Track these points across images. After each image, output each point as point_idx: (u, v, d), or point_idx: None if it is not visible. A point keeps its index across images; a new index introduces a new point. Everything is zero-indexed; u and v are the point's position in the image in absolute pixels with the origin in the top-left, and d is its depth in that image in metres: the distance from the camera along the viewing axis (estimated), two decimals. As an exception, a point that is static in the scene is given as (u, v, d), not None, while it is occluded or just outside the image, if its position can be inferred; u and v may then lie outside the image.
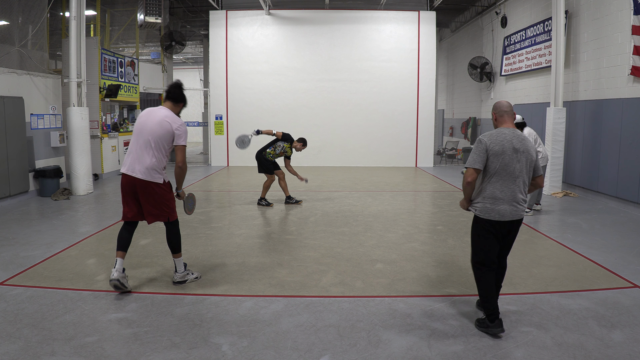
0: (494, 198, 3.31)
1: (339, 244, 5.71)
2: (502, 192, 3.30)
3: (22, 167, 8.42)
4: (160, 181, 4.09)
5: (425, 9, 14.08)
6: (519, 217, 3.37)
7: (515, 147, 3.29)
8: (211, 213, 7.60)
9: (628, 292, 4.17)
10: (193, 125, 19.29)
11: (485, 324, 3.40)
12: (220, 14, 14.10)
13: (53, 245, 5.59)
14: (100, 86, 11.18)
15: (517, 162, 3.29)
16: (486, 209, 3.34)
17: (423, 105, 14.17)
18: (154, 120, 4.04)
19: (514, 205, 3.31)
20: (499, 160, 3.27)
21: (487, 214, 3.33)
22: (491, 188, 3.32)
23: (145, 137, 4.02)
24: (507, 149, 3.28)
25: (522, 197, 3.35)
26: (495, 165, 3.29)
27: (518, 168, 3.29)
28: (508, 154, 3.27)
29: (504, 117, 3.44)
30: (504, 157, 3.27)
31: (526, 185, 3.38)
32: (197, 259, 5.09)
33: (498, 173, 3.29)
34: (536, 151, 3.43)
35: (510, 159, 3.28)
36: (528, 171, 3.36)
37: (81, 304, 3.87)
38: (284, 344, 3.25)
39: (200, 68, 24.16)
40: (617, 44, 8.06)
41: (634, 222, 6.92)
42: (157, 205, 4.15)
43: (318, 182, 10.79)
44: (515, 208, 3.32)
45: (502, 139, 3.30)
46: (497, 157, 3.27)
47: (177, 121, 4.08)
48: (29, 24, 8.91)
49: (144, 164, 4.01)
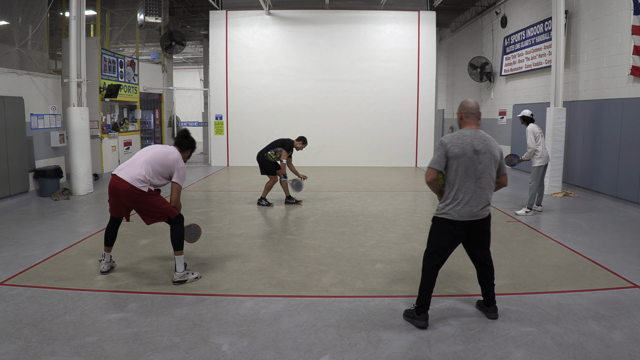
0: (456, 199, 3.36)
1: (339, 244, 5.71)
2: (464, 193, 3.34)
3: (22, 167, 8.42)
4: (144, 190, 4.21)
5: (425, 9, 14.08)
6: (481, 217, 3.41)
7: (476, 148, 3.33)
8: (211, 213, 7.60)
9: (628, 292, 4.17)
10: (193, 125, 19.28)
11: (412, 315, 3.52)
12: (220, 14, 14.10)
13: (53, 245, 5.59)
14: (100, 86, 11.18)
15: (478, 164, 3.33)
16: (447, 209, 3.39)
17: (423, 105, 14.17)
18: (163, 151, 4.39)
19: (476, 206, 3.36)
20: (459, 162, 3.32)
21: (445, 214, 3.40)
22: (454, 189, 3.37)
23: (147, 158, 4.31)
24: (467, 151, 3.31)
25: (488, 197, 3.40)
26: (456, 166, 3.33)
27: (480, 169, 3.33)
28: (468, 155, 3.31)
29: (470, 118, 3.46)
30: (464, 159, 3.31)
31: (492, 185, 3.42)
32: (197, 259, 5.09)
33: (459, 175, 3.34)
34: (500, 151, 3.46)
35: (471, 161, 3.32)
36: (492, 172, 3.39)
37: (81, 304, 3.87)
38: (284, 344, 3.25)
39: (200, 68, 24.16)
40: (617, 44, 8.06)
41: (634, 222, 6.92)
42: (149, 209, 4.29)
43: (318, 182, 10.79)
44: (476, 210, 3.37)
45: (462, 141, 3.34)
46: (456, 159, 3.32)
47: (181, 162, 4.38)
48: (29, 24, 8.91)
49: (133, 172, 4.22)
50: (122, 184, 4.21)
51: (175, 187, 4.32)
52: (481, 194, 3.36)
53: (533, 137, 7.33)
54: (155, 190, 4.36)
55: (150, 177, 4.25)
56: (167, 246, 5.54)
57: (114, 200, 4.39)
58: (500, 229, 6.48)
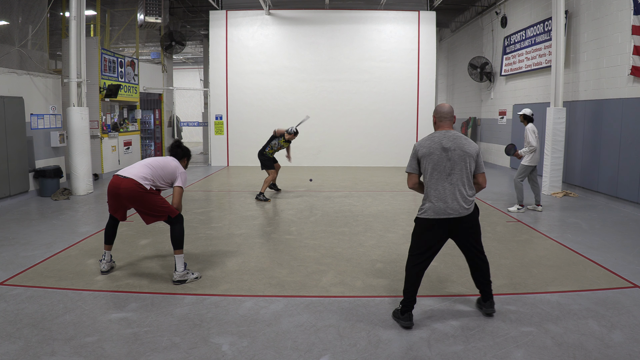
0: (431, 196, 3.42)
1: (339, 244, 5.71)
2: (437, 191, 3.40)
3: (22, 167, 8.42)
4: (147, 187, 4.26)
5: (425, 9, 14.07)
6: (457, 215, 3.39)
7: (445, 146, 3.40)
8: (211, 213, 7.60)
9: (628, 292, 4.17)
10: (193, 125, 19.29)
11: (397, 315, 3.56)
12: (220, 14, 14.10)
13: (53, 245, 5.59)
14: (100, 86, 11.18)
15: (447, 160, 3.38)
16: (425, 208, 3.45)
17: (423, 105, 14.16)
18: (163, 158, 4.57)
19: (451, 202, 3.37)
20: (427, 161, 3.42)
21: (424, 213, 3.44)
22: (429, 188, 3.44)
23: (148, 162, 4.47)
24: (434, 150, 3.40)
25: (464, 193, 3.40)
26: (427, 166, 3.43)
27: (449, 165, 3.38)
28: (436, 153, 3.39)
29: (443, 121, 3.53)
30: (432, 157, 3.40)
31: (468, 181, 3.43)
32: (197, 259, 5.09)
33: (431, 173, 3.42)
34: (476, 149, 3.48)
35: (440, 158, 3.39)
36: (464, 167, 3.41)
37: (81, 304, 3.87)
38: (284, 344, 3.25)
39: (200, 68, 24.16)
40: (617, 44, 8.06)
41: (634, 222, 6.92)
42: (150, 208, 4.32)
43: (318, 182, 10.79)
44: (451, 205, 3.37)
45: (430, 141, 3.45)
46: (425, 158, 3.43)
47: (181, 167, 4.57)
48: (29, 24, 8.91)
49: (136, 171, 4.33)
50: (124, 182, 4.26)
51: (177, 190, 4.41)
52: (454, 190, 3.38)
53: (534, 136, 7.38)
54: (156, 190, 4.38)
55: (152, 177, 4.31)
56: (167, 246, 5.53)
57: (114, 201, 4.44)
58: (500, 229, 6.48)
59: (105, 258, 4.62)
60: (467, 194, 3.42)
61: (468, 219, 3.45)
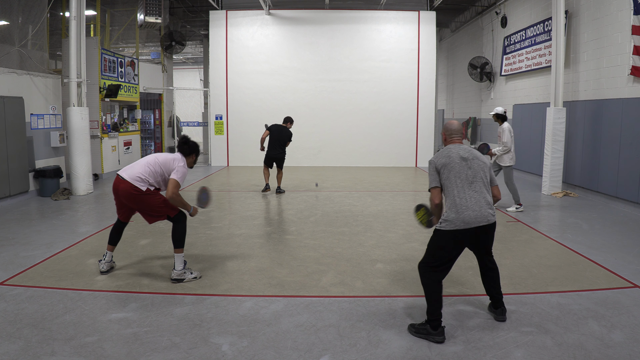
0: (457, 206, 3.28)
1: (339, 244, 5.71)
2: (463, 199, 3.29)
3: (22, 167, 8.42)
4: (142, 189, 4.29)
5: (425, 9, 14.07)
6: (486, 222, 3.32)
7: (462, 156, 3.39)
8: (211, 213, 7.60)
9: (628, 292, 4.17)
10: (193, 125, 19.26)
11: (425, 330, 3.31)
12: (220, 14, 14.10)
13: (53, 245, 5.59)
14: (100, 86, 11.18)
15: (467, 169, 3.35)
16: (450, 219, 3.28)
17: (423, 105, 14.17)
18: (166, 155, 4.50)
19: (478, 210, 3.28)
20: (449, 170, 3.35)
21: (452, 224, 3.27)
22: (454, 197, 3.31)
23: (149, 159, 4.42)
24: (453, 158, 3.37)
25: (487, 200, 3.36)
26: (447, 175, 3.35)
27: (470, 174, 3.34)
28: (456, 162, 3.36)
29: (454, 137, 3.58)
30: (452, 165, 3.35)
31: (488, 189, 3.41)
32: (197, 259, 5.09)
33: (453, 182, 3.34)
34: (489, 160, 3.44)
35: (460, 166, 3.35)
36: (484, 176, 3.40)
37: (81, 304, 3.87)
38: (284, 344, 3.25)
39: (200, 68, 24.16)
40: (617, 44, 8.06)
41: (634, 222, 6.92)
42: (148, 208, 4.35)
43: (318, 182, 10.79)
44: (480, 213, 3.28)
45: (447, 153, 3.43)
46: (446, 168, 3.36)
47: (181, 162, 4.41)
48: (29, 24, 8.90)
49: (133, 172, 4.34)
50: (122, 184, 4.30)
51: (171, 181, 4.29)
52: (479, 198, 3.31)
53: (509, 136, 7.51)
54: (154, 189, 4.38)
55: (147, 176, 4.32)
56: (167, 246, 5.54)
57: (117, 200, 4.48)
58: (500, 229, 6.48)
59: (106, 258, 4.62)
60: (490, 201, 3.39)
61: (493, 226, 3.41)
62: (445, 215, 3.33)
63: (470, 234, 3.31)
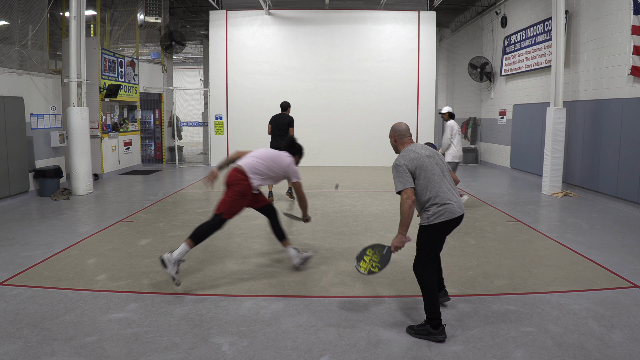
0: (443, 199, 3.36)
1: (339, 244, 5.71)
2: (443, 192, 3.39)
3: (22, 167, 8.42)
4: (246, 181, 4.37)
5: (425, 9, 14.07)
6: (463, 211, 3.46)
7: (426, 154, 3.47)
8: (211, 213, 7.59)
9: (628, 292, 4.17)
10: (193, 125, 19.29)
11: (426, 331, 3.33)
12: (220, 14, 14.10)
13: (53, 245, 5.59)
14: (100, 86, 11.18)
15: (436, 165, 3.45)
16: (438, 212, 3.35)
17: (423, 105, 14.17)
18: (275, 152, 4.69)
19: (457, 201, 3.43)
20: (424, 170, 3.39)
21: (441, 216, 3.35)
22: (433, 192, 3.37)
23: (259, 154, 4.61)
24: (422, 158, 3.42)
25: (457, 190, 3.55)
26: (425, 175, 3.38)
27: (438, 169, 3.44)
28: (426, 161, 3.42)
29: (404, 138, 3.62)
30: (425, 165, 3.39)
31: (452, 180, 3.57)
32: (197, 259, 5.09)
33: (431, 179, 3.38)
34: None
35: (430, 164, 3.42)
36: (447, 168, 3.57)
37: (81, 304, 3.87)
38: (284, 344, 3.25)
39: (200, 68, 24.16)
40: (617, 44, 8.06)
41: (634, 222, 6.92)
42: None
43: (318, 182, 10.79)
44: (458, 203, 3.44)
45: (413, 155, 3.44)
46: (420, 169, 3.38)
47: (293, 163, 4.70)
48: (29, 24, 8.90)
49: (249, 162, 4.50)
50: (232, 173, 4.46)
51: (296, 185, 4.64)
52: (452, 189, 3.47)
53: (450, 133, 7.93)
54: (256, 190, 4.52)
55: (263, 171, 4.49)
56: (167, 246, 5.54)
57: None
58: (500, 229, 6.48)
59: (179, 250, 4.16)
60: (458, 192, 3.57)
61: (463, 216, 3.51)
62: (430, 211, 3.38)
63: (454, 223, 3.44)
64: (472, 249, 5.52)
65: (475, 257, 5.20)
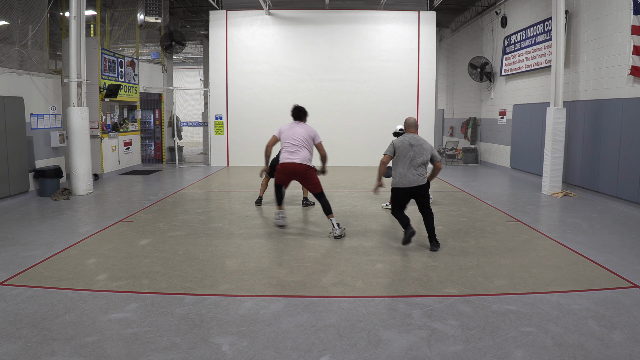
0: (399, 173, 5.37)
1: (339, 244, 5.71)
2: (402, 169, 5.35)
3: (22, 167, 8.42)
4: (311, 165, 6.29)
5: (425, 9, 14.07)
6: (418, 184, 5.33)
7: (411, 143, 5.37)
8: (211, 213, 7.60)
9: (628, 292, 4.17)
10: (193, 125, 19.28)
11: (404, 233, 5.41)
12: (220, 14, 14.10)
13: (53, 245, 5.59)
14: (100, 86, 11.18)
15: (410, 151, 5.33)
16: (395, 180, 5.41)
17: (423, 105, 14.17)
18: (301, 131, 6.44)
19: (410, 177, 5.32)
20: (400, 150, 5.36)
21: (399, 183, 5.38)
22: (397, 168, 5.39)
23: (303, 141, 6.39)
24: (405, 144, 5.37)
25: (418, 172, 5.34)
26: (399, 154, 5.37)
27: (412, 155, 5.32)
28: (406, 146, 5.36)
29: (410, 129, 5.56)
30: (402, 148, 5.36)
31: (423, 165, 5.35)
32: (197, 259, 5.09)
33: (401, 159, 5.36)
34: (431, 146, 5.40)
35: (407, 150, 5.34)
36: (422, 157, 5.32)
37: (81, 304, 3.87)
38: (284, 344, 3.25)
39: (200, 68, 24.16)
40: (617, 44, 8.06)
41: (634, 222, 6.92)
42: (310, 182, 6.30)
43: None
44: (412, 179, 5.32)
45: (403, 139, 5.39)
46: (399, 149, 5.37)
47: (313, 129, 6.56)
48: (29, 24, 8.90)
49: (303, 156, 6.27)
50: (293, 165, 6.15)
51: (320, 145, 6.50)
52: (414, 171, 5.32)
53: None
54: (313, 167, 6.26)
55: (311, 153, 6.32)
56: (167, 246, 5.54)
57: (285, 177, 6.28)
58: (500, 229, 6.48)
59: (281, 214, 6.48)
60: (419, 173, 5.35)
61: (422, 187, 5.37)
62: (395, 180, 5.42)
63: (408, 190, 5.37)
64: (472, 249, 5.52)
65: (475, 257, 5.20)
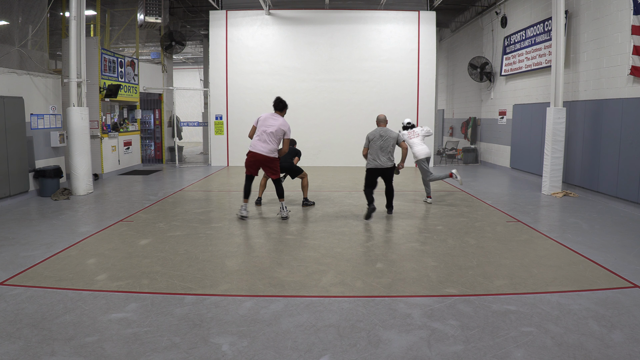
0: (372, 157, 6.94)
1: (339, 244, 5.71)
2: (374, 155, 6.94)
3: (22, 167, 8.42)
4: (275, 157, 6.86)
5: (425, 9, 14.07)
6: (387, 166, 6.95)
7: (380, 134, 6.96)
8: (211, 213, 7.60)
9: (628, 292, 4.17)
10: (193, 125, 19.29)
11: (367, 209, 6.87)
12: (220, 14, 14.10)
13: (53, 245, 5.59)
14: (100, 86, 11.18)
15: (380, 140, 6.92)
16: (369, 163, 6.97)
17: (423, 105, 14.17)
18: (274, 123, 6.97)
19: (381, 160, 6.92)
20: (372, 141, 6.95)
21: (372, 164, 6.94)
22: (371, 154, 6.97)
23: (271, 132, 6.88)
24: (376, 135, 6.97)
25: (387, 157, 6.94)
26: (372, 144, 6.95)
27: (380, 143, 6.91)
28: (377, 137, 6.95)
29: (380, 123, 7.15)
30: (374, 139, 6.93)
31: (390, 152, 6.95)
32: (197, 259, 5.09)
33: (373, 147, 6.94)
34: (397, 134, 7.02)
35: (377, 140, 6.92)
36: (389, 145, 6.94)
37: (81, 304, 3.87)
38: (284, 344, 3.25)
39: (200, 68, 24.16)
40: (617, 44, 8.06)
41: (634, 222, 6.92)
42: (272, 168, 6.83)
43: (318, 182, 10.79)
44: (382, 162, 6.92)
45: (374, 132, 7.00)
46: (372, 140, 6.96)
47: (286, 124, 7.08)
48: (29, 24, 8.90)
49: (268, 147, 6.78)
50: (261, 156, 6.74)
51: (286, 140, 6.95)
52: (383, 156, 6.90)
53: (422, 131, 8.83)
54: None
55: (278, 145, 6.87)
56: (167, 246, 5.54)
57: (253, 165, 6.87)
58: (500, 229, 6.48)
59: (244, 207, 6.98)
60: (388, 158, 6.94)
61: (389, 169, 7.00)
62: (369, 163, 6.96)
63: (377, 171, 6.98)
64: (472, 249, 5.52)
65: (475, 257, 5.20)
